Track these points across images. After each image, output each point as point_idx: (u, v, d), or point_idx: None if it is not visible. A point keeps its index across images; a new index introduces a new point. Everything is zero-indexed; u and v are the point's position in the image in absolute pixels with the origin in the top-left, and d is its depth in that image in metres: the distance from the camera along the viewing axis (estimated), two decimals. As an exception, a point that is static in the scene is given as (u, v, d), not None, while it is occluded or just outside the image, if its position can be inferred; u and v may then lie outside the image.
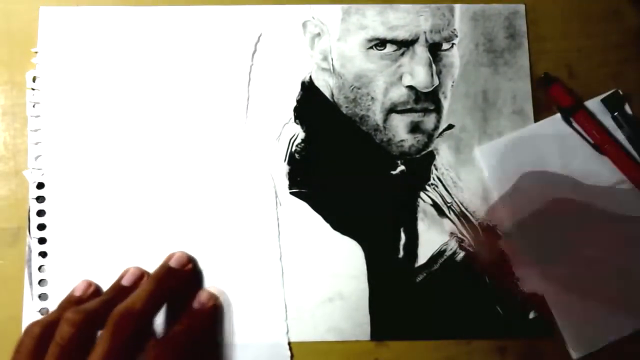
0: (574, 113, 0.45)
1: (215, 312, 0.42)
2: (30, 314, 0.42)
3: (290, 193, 0.44)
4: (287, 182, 0.44)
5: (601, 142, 0.44)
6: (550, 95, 0.45)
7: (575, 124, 0.45)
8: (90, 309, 0.37)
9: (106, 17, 0.46)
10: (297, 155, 0.44)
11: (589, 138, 0.44)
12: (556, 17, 0.47)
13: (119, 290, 0.40)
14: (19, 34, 0.46)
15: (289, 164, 0.44)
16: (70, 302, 0.40)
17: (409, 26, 0.46)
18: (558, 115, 0.45)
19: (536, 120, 0.45)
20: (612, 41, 0.47)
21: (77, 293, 0.40)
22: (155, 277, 0.40)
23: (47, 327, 0.36)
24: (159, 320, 0.41)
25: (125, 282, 0.41)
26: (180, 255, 0.42)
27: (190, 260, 0.42)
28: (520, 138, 0.45)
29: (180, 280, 0.41)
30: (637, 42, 0.46)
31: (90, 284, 0.41)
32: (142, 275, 0.41)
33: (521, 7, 0.47)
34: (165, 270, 0.41)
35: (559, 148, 0.44)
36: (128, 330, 0.35)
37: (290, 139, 0.45)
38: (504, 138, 0.45)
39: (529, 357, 0.43)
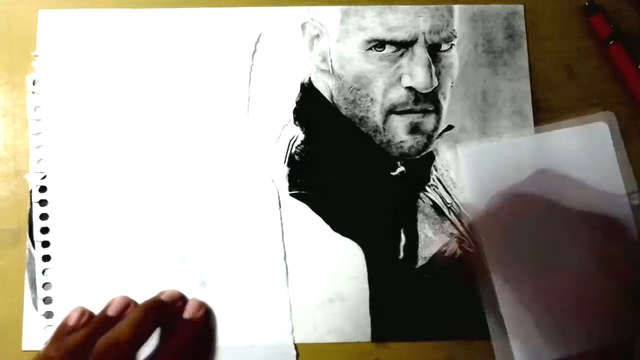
0: (611, 44, 0.45)
1: (207, 320, 0.42)
2: (33, 317, 0.42)
3: (290, 195, 0.44)
4: (287, 184, 0.44)
5: (632, 77, 0.45)
6: (591, 24, 0.46)
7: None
8: (72, 344, 0.36)
9: (105, 20, 0.46)
10: (296, 157, 0.45)
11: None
12: (556, 17, 0.47)
13: (104, 321, 0.38)
14: (19, 35, 0.46)
15: (288, 165, 0.44)
16: (62, 333, 0.38)
17: (408, 27, 0.46)
18: (554, 133, 0.45)
19: (535, 120, 0.45)
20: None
21: (71, 322, 0.39)
22: (144, 306, 0.39)
23: None
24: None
25: (110, 312, 0.39)
26: (172, 292, 0.42)
27: (182, 297, 0.42)
28: (504, 146, 0.44)
29: (169, 310, 0.41)
30: (637, 42, 0.46)
31: (83, 311, 0.39)
32: (127, 304, 0.40)
33: (520, 8, 0.47)
34: (155, 301, 0.41)
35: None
36: None
37: (290, 141, 0.45)
38: (486, 144, 0.45)
39: None
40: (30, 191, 0.44)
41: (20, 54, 0.45)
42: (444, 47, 0.46)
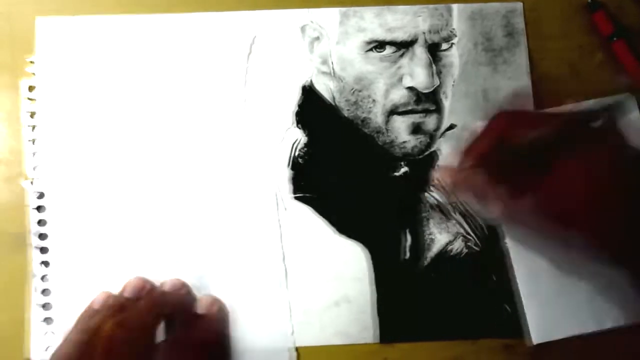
0: (614, 41, 0.45)
1: (222, 316, 0.42)
2: (35, 323, 0.42)
3: (294, 198, 0.44)
4: (291, 187, 0.44)
5: (635, 73, 0.44)
6: (593, 21, 0.46)
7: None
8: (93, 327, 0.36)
9: (102, 26, 0.45)
10: (300, 160, 0.44)
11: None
12: (558, 14, 0.47)
13: (122, 304, 0.39)
14: (21, 38, 0.45)
15: (292, 168, 0.44)
16: (91, 315, 0.39)
17: (408, 27, 0.46)
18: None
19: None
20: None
21: (96, 306, 0.39)
22: (150, 298, 0.40)
23: None
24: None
25: (127, 294, 0.40)
26: (174, 281, 0.42)
27: (184, 285, 0.42)
28: None
29: (175, 302, 0.41)
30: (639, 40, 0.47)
31: (109, 295, 0.40)
32: (143, 285, 0.41)
33: (519, 5, 0.47)
34: (160, 292, 0.41)
35: None
36: (121, 346, 0.35)
37: (293, 144, 0.45)
38: None
39: (535, 356, 0.43)
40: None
41: (22, 57, 0.45)
42: (444, 46, 0.46)
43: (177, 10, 0.46)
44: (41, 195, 0.43)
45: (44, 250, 0.43)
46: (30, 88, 0.45)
